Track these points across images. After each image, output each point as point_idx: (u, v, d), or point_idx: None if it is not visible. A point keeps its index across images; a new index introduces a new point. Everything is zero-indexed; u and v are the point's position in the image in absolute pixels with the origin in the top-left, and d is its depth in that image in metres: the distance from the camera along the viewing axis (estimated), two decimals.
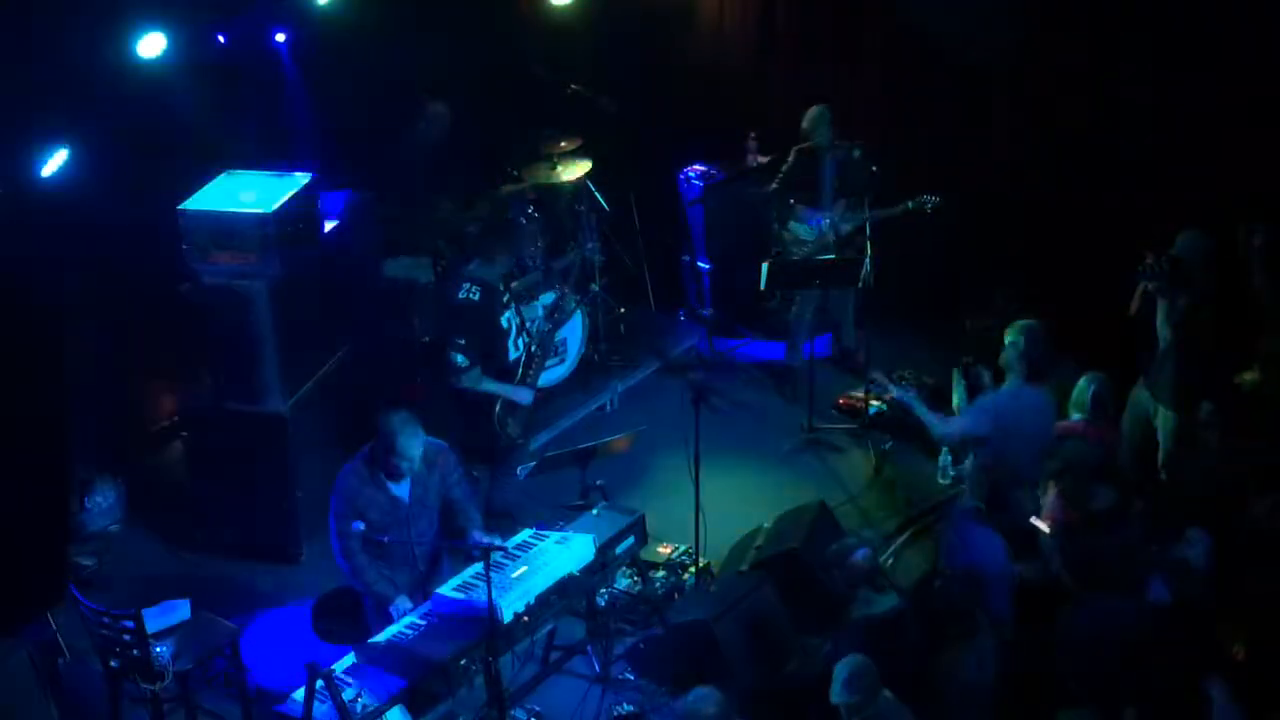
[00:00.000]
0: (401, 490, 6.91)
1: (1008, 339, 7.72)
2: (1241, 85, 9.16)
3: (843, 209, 9.84)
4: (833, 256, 9.75)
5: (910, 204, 9.63)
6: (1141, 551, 6.80)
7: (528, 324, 8.45)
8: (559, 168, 10.13)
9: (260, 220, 7.91)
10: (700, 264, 10.89)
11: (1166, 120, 9.50)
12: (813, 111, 9.81)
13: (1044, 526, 7.58)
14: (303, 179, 8.29)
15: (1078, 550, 6.76)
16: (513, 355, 8.16)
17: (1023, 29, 9.82)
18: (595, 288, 9.94)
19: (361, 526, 6.75)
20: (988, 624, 6.51)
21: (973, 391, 7.93)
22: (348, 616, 7.14)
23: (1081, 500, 7.22)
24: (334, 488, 6.87)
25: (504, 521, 8.04)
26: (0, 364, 6.69)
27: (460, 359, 7.89)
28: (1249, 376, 7.73)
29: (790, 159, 9.97)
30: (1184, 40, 9.31)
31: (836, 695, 5.97)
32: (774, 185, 10.07)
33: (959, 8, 9.69)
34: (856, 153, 9.77)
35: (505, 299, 8.17)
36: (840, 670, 5.99)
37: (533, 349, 8.28)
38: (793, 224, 9.94)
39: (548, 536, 6.90)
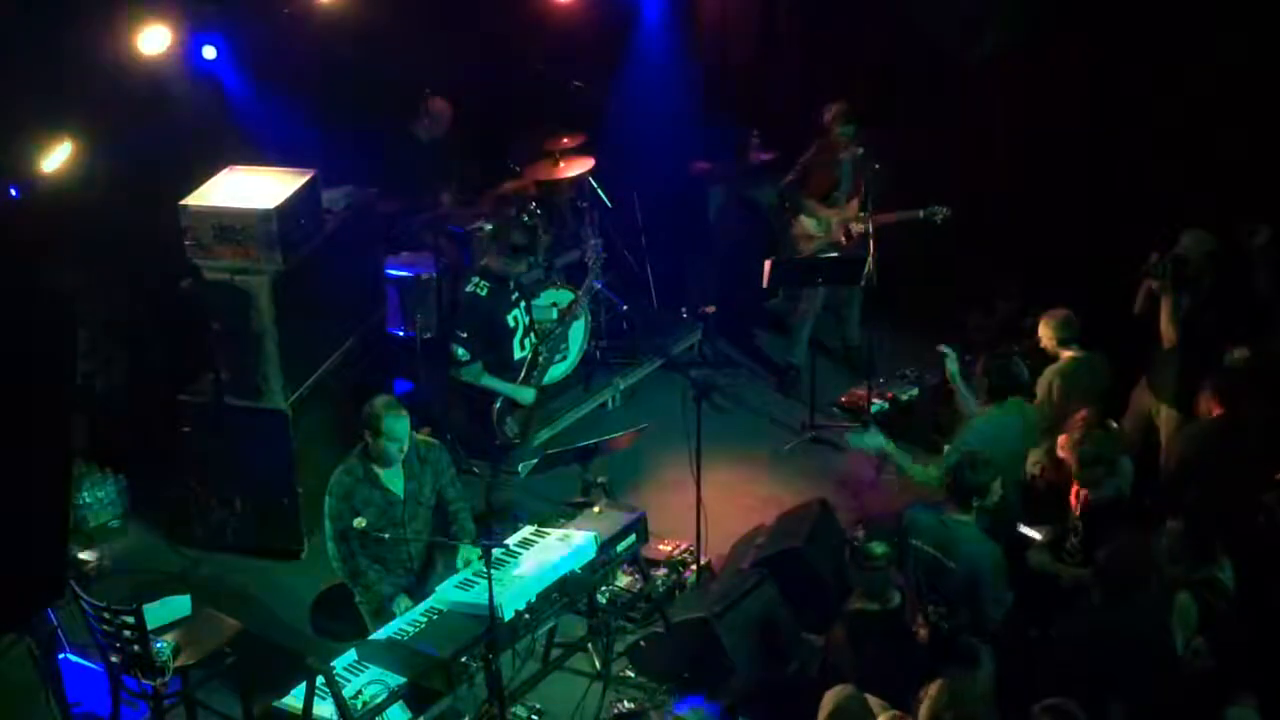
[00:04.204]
0: (396, 485, 6.90)
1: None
2: (1242, 84, 9.16)
3: (856, 208, 9.80)
4: (836, 254, 9.74)
5: (922, 213, 9.58)
6: (1171, 565, 6.70)
7: (536, 324, 8.43)
8: (561, 164, 10.12)
9: (263, 216, 7.90)
10: None
11: (1168, 119, 9.49)
12: (839, 106, 9.72)
13: (1034, 534, 7.56)
14: (305, 175, 8.28)
15: (1107, 556, 6.68)
16: (518, 354, 8.14)
17: (1023, 27, 9.81)
18: (597, 284, 9.93)
19: (363, 523, 6.75)
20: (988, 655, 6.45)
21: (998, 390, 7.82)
22: (348, 614, 7.13)
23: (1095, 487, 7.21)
24: (329, 489, 6.87)
25: (504, 519, 8.04)
26: (2, 359, 6.66)
27: (461, 351, 7.88)
28: (1238, 354, 7.71)
29: (811, 151, 9.90)
30: (1184, 39, 9.30)
31: None
32: (790, 176, 10.02)
33: (960, 6, 9.69)
34: (860, 151, 9.74)
35: (514, 296, 8.15)
36: (827, 702, 5.95)
37: (539, 349, 8.26)
38: (804, 218, 9.91)
39: (549, 534, 6.89)
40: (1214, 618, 6.44)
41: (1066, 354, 8.14)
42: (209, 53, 8.62)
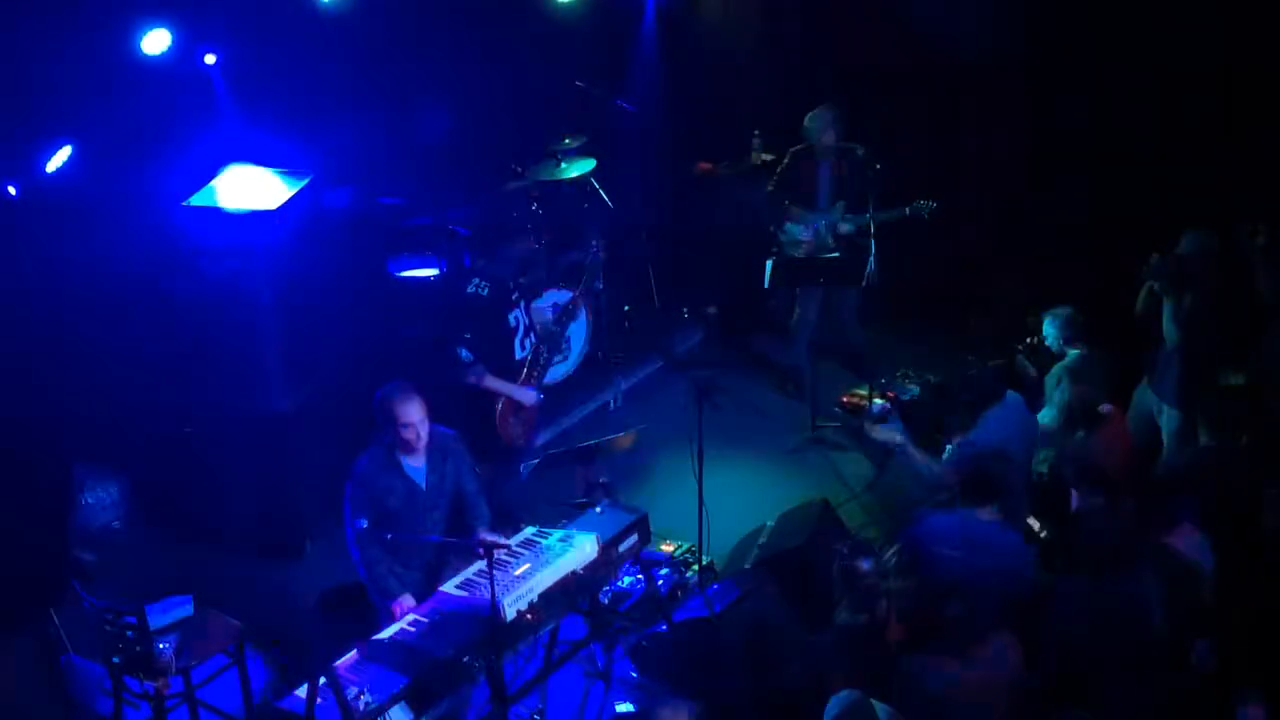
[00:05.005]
0: (419, 475, 6.94)
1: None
2: (1243, 83, 9.16)
3: (842, 210, 9.79)
4: (836, 255, 9.73)
5: (908, 210, 9.58)
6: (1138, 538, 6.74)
7: (536, 325, 8.43)
8: (563, 164, 10.12)
9: (264, 218, 7.91)
10: None
11: (1169, 118, 9.49)
12: (814, 112, 9.75)
13: (1038, 527, 7.57)
14: (306, 177, 8.29)
15: (1071, 537, 6.72)
16: (519, 355, 8.14)
17: (1024, 27, 9.82)
18: (599, 285, 9.93)
19: (365, 524, 6.76)
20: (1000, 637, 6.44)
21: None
22: (351, 614, 7.13)
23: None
24: (351, 475, 6.90)
25: (507, 519, 8.05)
26: (2, 360, 6.69)
27: (464, 354, 7.89)
28: (1233, 380, 7.75)
29: (786, 160, 9.92)
30: (1185, 38, 9.31)
31: None
32: (770, 186, 10.03)
33: (961, 7, 9.69)
34: (860, 151, 9.72)
35: (514, 297, 8.16)
36: (832, 708, 5.95)
37: (540, 349, 8.26)
38: (789, 225, 9.90)
39: (551, 534, 6.89)
40: (1175, 586, 6.46)
41: (1073, 351, 8.15)
42: (210, 58, 8.64)
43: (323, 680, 5.88)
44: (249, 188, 8.19)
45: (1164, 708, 6.26)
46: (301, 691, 5.93)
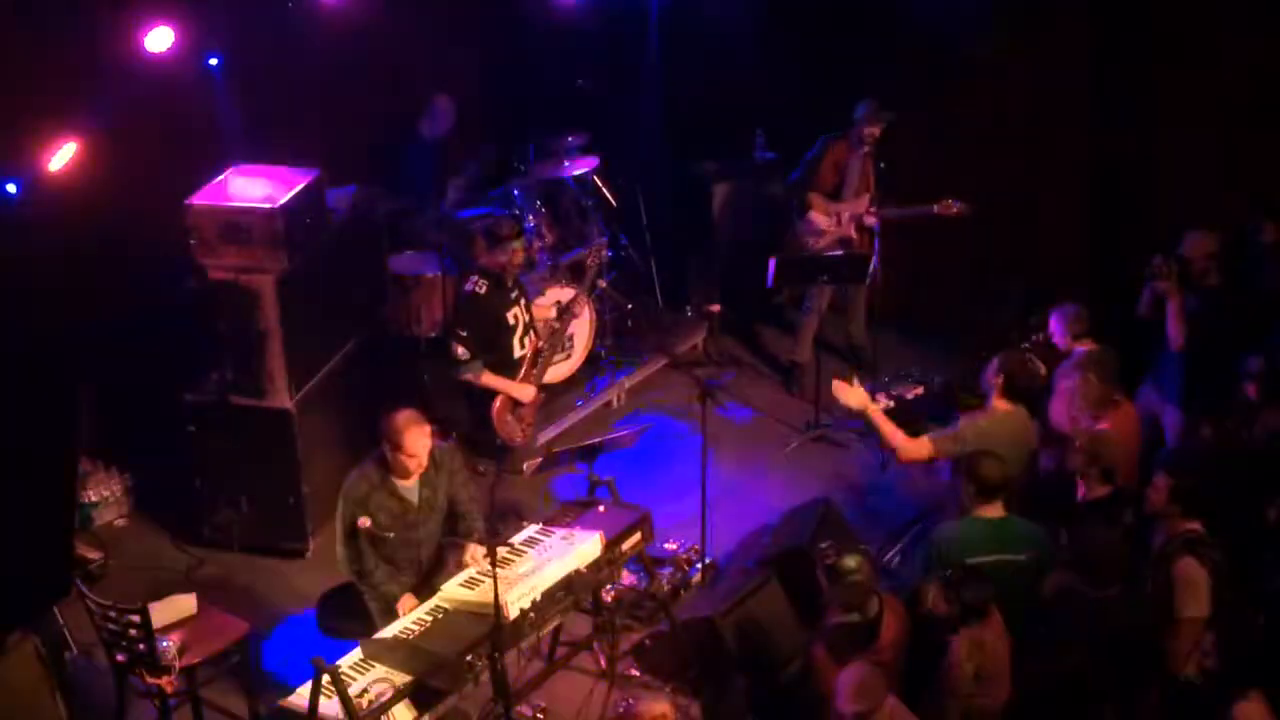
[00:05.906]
0: (410, 493, 6.92)
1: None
2: (1244, 82, 9.16)
3: (867, 203, 9.76)
4: (841, 252, 9.72)
5: (936, 208, 9.54)
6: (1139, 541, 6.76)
7: (536, 321, 8.44)
8: (566, 162, 10.12)
9: (267, 215, 7.92)
10: None
11: (1171, 119, 9.49)
12: (870, 101, 9.63)
13: None
14: (309, 174, 8.29)
15: (1079, 541, 6.72)
16: (518, 352, 8.15)
17: (1024, 24, 9.81)
18: (602, 283, 9.93)
19: (367, 523, 6.76)
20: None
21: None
22: (354, 612, 7.13)
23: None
24: (343, 493, 6.88)
25: (509, 517, 8.05)
26: (4, 359, 6.67)
27: (460, 350, 7.89)
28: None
29: (817, 148, 9.86)
30: (1185, 38, 9.31)
31: (843, 703, 5.93)
32: (796, 173, 9.99)
33: (962, 6, 9.69)
34: (865, 148, 9.71)
35: (514, 294, 8.16)
36: (846, 678, 5.96)
37: (540, 345, 8.27)
38: (812, 215, 9.88)
39: (554, 533, 6.90)
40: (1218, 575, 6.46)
41: (1081, 347, 8.11)
42: (213, 61, 8.66)
43: (326, 678, 5.89)
44: (252, 186, 8.19)
45: (1165, 706, 6.28)
46: (304, 689, 5.94)
